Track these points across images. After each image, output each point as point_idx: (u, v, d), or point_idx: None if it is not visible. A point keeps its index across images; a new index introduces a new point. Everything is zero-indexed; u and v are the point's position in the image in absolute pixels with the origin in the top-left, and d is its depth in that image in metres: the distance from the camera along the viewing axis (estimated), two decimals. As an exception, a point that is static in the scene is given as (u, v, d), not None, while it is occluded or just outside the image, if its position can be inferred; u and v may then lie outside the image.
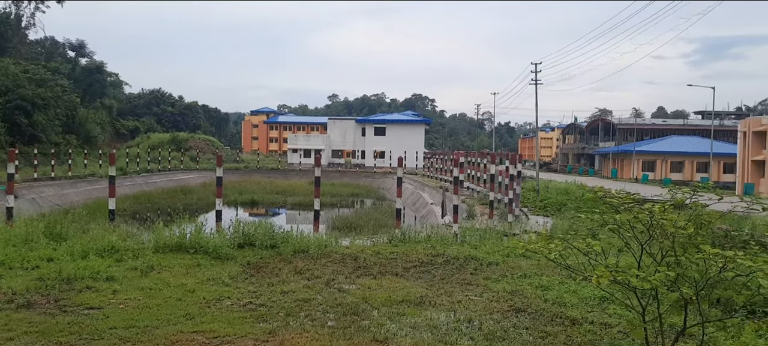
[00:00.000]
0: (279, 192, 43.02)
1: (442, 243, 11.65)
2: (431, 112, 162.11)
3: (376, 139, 71.26)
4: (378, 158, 69.19)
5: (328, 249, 10.61)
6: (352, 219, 27.21)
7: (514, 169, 21.05)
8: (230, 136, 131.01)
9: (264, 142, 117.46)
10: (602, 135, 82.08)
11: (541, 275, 8.84)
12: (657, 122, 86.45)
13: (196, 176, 49.69)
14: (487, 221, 18.33)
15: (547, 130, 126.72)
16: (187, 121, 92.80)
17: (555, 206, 22.99)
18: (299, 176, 52.80)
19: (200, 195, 38.86)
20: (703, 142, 62.96)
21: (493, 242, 12.16)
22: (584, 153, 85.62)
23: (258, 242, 10.51)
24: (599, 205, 5.43)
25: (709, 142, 52.79)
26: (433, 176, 44.47)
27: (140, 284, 7.80)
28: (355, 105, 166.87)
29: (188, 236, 10.39)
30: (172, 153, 56.25)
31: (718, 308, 5.99)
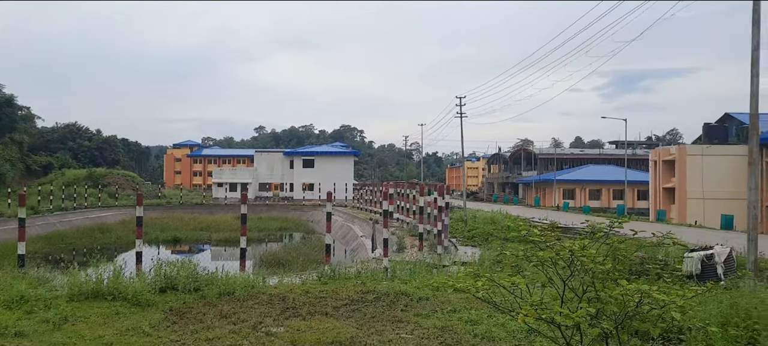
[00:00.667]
0: (203, 228, 41.72)
1: (373, 279, 11.59)
2: (360, 143, 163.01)
3: (305, 171, 70.71)
4: (307, 191, 68.59)
5: (256, 290, 10.32)
6: (281, 255, 26.67)
7: (442, 201, 21.37)
8: (152, 170, 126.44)
9: (188, 176, 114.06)
10: (525, 164, 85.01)
11: (471, 309, 8.93)
12: (575, 152, 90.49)
13: (114, 214, 47.42)
14: (417, 253, 18.46)
15: (473, 160, 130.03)
16: (106, 156, 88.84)
17: (482, 236, 23.42)
18: (225, 211, 51.45)
19: (119, 233, 37.10)
20: (618, 171, 66.35)
21: (424, 275, 12.21)
22: (509, 182, 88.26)
23: (181, 286, 10.09)
24: (524, 241, 5.57)
25: (624, 170, 55.66)
26: (363, 207, 44.47)
27: (53, 339, 7.28)
28: (283, 137, 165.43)
29: (106, 281, 9.83)
30: (88, 190, 53.49)
31: (636, 338, 6.21)
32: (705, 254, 12.46)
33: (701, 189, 41.13)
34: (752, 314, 7.06)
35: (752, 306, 7.35)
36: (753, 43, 10.53)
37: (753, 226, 10.47)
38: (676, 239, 5.71)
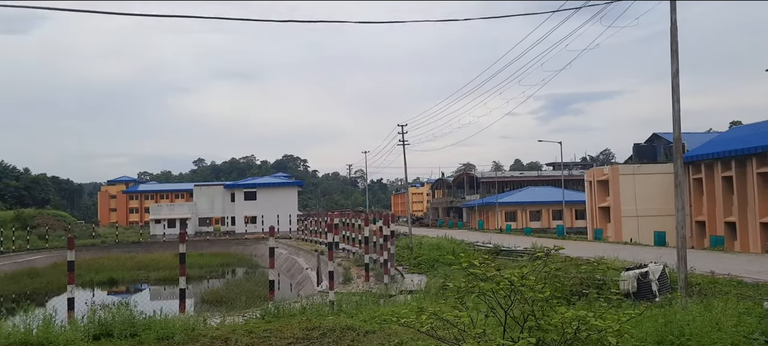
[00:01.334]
0: (141, 267, 40.20)
1: (318, 314, 11.42)
2: (304, 173, 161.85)
3: (247, 204, 69.49)
4: (249, 224, 67.33)
5: (196, 332, 9.98)
6: (223, 292, 26.02)
7: (387, 230, 21.41)
8: (85, 209, 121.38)
9: (124, 213, 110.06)
10: (468, 188, 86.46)
11: (418, 340, 8.91)
12: (515, 174, 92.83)
13: (45, 257, 45.07)
14: (363, 283, 18.37)
15: (417, 186, 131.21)
16: (34, 196, 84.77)
17: (428, 263, 23.56)
18: (163, 248, 49.76)
19: (50, 278, 35.23)
20: (556, 192, 68.41)
21: (370, 307, 12.14)
22: (453, 206, 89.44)
23: (116, 332, 9.64)
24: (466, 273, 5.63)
25: (561, 191, 57.40)
26: (308, 238, 43.99)
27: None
28: (224, 169, 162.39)
29: (35, 331, 9.31)
30: (16, 232, 50.73)
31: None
32: (640, 273, 12.93)
33: (634, 207, 42.84)
34: (685, 331, 7.34)
35: (685, 323, 7.65)
36: (672, 70, 11.13)
37: (681, 244, 10.96)
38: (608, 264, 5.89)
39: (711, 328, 7.30)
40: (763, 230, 35.62)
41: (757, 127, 42.62)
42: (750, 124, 47.44)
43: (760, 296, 10.15)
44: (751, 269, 17.68)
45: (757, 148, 35.57)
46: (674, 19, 11.17)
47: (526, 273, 5.41)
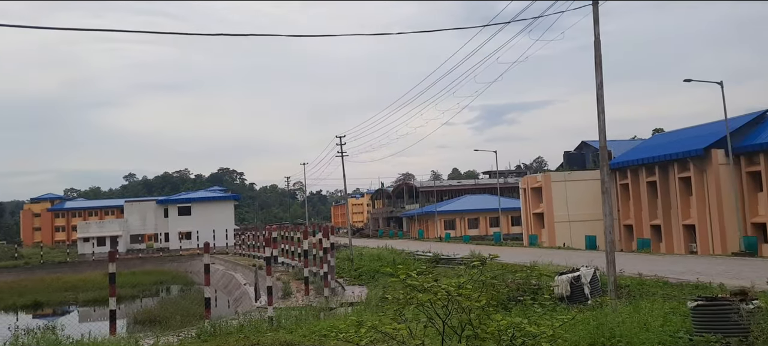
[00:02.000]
0: (69, 288, 38.30)
1: (257, 331, 11.18)
2: (241, 186, 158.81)
3: (181, 219, 67.51)
4: (184, 240, 65.36)
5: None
6: (157, 311, 25.15)
7: (327, 242, 21.23)
8: (7, 228, 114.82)
9: (49, 232, 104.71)
10: (407, 198, 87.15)
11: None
12: (453, 183, 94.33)
13: (-39, 281, 42.26)
14: (303, 298, 18.14)
15: (357, 197, 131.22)
16: (-50, 216, 79.37)
17: (369, 274, 23.51)
18: (93, 268, 47.61)
19: (-33, 304, 33.05)
20: (493, 199, 69.85)
21: (310, 322, 11.98)
22: (393, 216, 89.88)
23: (41, 359, 9.13)
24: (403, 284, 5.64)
25: (498, 199, 58.72)
26: (245, 253, 43.10)
27: None
28: (156, 184, 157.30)
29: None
30: (-71, 256, 47.41)
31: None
32: (573, 276, 13.34)
33: (566, 213, 44.30)
34: (616, 333, 7.61)
35: (616, 325, 7.93)
36: (597, 82, 11.62)
37: (610, 249, 11.41)
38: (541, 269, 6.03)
39: (639, 328, 7.60)
40: (686, 231, 37.57)
41: (678, 134, 45.03)
42: (671, 132, 50.06)
43: (684, 296, 10.66)
44: (676, 270, 18.56)
45: (678, 154, 37.53)
46: (597, 33, 11.67)
47: (463, 283, 5.47)
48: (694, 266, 20.03)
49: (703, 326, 7.96)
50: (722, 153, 33.99)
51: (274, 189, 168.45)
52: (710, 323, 7.94)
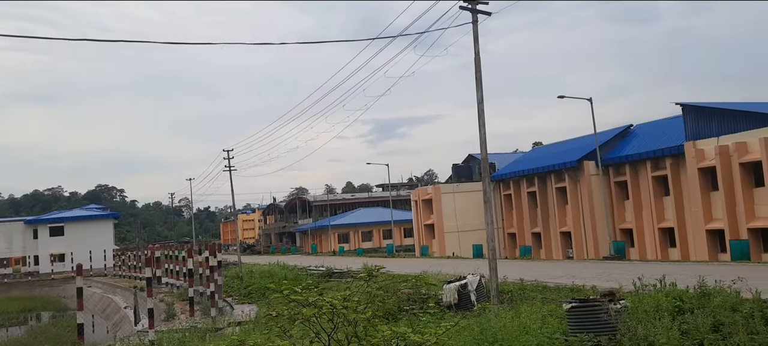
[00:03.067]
0: None
1: (134, 357, 10.48)
2: (121, 204, 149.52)
3: (53, 240, 62.41)
4: (56, 262, 60.39)
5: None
6: (26, 340, 23.02)
7: (214, 260, 20.45)
8: None
9: None
10: (301, 212, 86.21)
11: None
12: (347, 197, 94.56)
13: None
14: (188, 319, 17.32)
15: (248, 212, 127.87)
16: None
17: (260, 292, 22.92)
18: (-51, 297, 42.75)
19: None
20: (386, 212, 70.86)
21: (194, 344, 11.44)
22: (286, 231, 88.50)
23: None
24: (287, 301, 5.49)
25: (390, 211, 59.61)
26: (126, 275, 40.56)
27: None
28: (24, 203, 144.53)
29: None
30: None
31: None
32: (460, 284, 13.74)
33: (455, 223, 45.81)
34: (498, 337, 7.88)
35: (498, 329, 8.21)
36: (478, 97, 12.11)
37: (492, 256, 11.86)
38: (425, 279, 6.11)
39: (520, 331, 7.93)
40: (563, 238, 40.10)
41: (555, 147, 48.08)
42: (549, 145, 53.38)
43: (561, 299, 11.29)
44: (554, 274, 19.69)
45: (555, 166, 40.07)
46: (477, 50, 12.20)
47: (348, 295, 5.41)
48: (571, 270, 21.35)
49: (577, 327, 8.44)
50: (593, 164, 36.70)
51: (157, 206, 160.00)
52: (583, 323, 8.43)
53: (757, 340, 7.25)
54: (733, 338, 7.33)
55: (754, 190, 28.02)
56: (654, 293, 10.19)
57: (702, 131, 30.35)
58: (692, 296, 9.49)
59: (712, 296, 9.35)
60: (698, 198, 30.02)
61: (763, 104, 31.02)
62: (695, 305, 8.91)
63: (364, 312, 5.36)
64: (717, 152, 28.66)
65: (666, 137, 34.35)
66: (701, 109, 30.80)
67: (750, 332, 7.53)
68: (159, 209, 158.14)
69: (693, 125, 30.84)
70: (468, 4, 12.05)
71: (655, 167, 34.01)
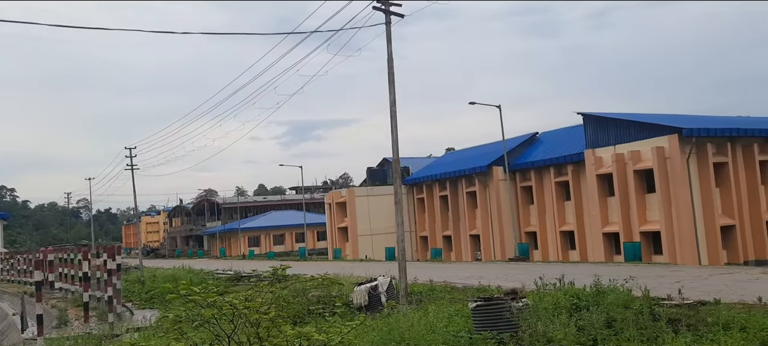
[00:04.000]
0: None
1: (18, 367, 9.66)
2: (12, 204, 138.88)
3: (-69, 243, 56.87)
4: (-65, 267, 55.10)
5: None
6: None
7: (112, 263, 19.32)
8: None
9: None
10: (209, 215, 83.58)
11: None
12: (259, 199, 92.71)
13: None
14: (83, 326, 16.28)
15: (152, 215, 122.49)
16: None
17: (162, 296, 21.92)
18: None
19: None
20: (299, 215, 70.08)
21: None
22: (193, 234, 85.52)
23: None
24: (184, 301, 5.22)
25: (303, 214, 59.02)
26: (15, 279, 37.59)
27: None
28: None
29: None
30: None
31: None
32: (370, 286, 13.75)
33: (369, 226, 46.01)
34: (405, 336, 7.91)
35: (405, 329, 8.24)
36: (390, 99, 12.19)
37: (402, 257, 11.95)
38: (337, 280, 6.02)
39: (426, 331, 8.00)
40: (473, 241, 41.26)
41: (466, 152, 49.43)
42: (461, 150, 54.79)
43: (468, 298, 11.52)
44: (463, 275, 20.16)
45: (466, 171, 41.17)
46: (390, 51, 12.28)
47: (251, 295, 5.22)
48: (478, 271, 21.95)
49: (482, 325, 8.64)
50: (502, 170, 38.04)
51: (53, 207, 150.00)
52: (487, 322, 8.65)
53: (645, 334, 7.70)
54: (624, 334, 7.75)
55: (646, 196, 30.02)
56: (554, 292, 10.61)
57: (601, 140, 32.19)
58: (588, 295, 9.96)
59: (606, 294, 9.85)
60: (596, 203, 31.78)
61: (655, 115, 33.35)
62: (591, 303, 9.35)
63: (267, 313, 5.18)
64: (613, 160, 30.48)
65: (568, 145, 36.18)
66: (600, 119, 32.65)
67: (639, 327, 8.00)
68: (55, 210, 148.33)
69: (592, 134, 32.64)
70: (381, 5, 12.10)
71: (558, 173, 35.72)
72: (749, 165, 29.68)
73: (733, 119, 34.21)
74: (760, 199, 29.58)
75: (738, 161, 29.38)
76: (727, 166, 28.97)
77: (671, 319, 8.57)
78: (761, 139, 30.24)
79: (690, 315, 8.81)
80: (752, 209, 29.38)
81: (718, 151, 28.99)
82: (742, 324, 7.80)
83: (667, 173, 28.52)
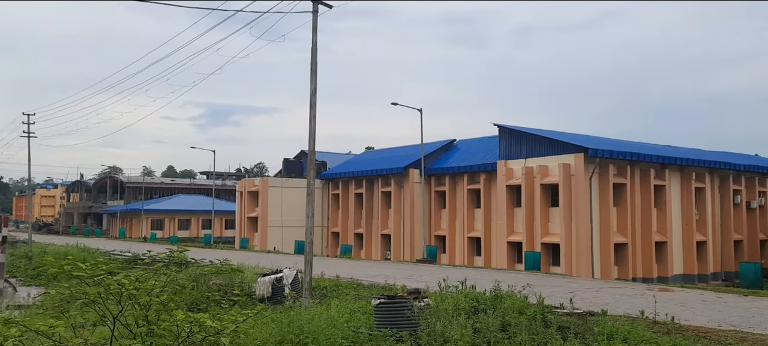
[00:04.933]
0: None
1: None
2: None
3: None
4: None
5: None
6: None
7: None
8: None
9: None
10: (111, 193, 79.52)
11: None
12: (166, 181, 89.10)
13: None
14: (-46, 300, 14.98)
15: (49, 188, 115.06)
16: None
17: (51, 274, 20.61)
18: None
19: None
20: (208, 201, 68.02)
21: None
22: (92, 212, 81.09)
23: None
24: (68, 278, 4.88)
25: (212, 200, 57.32)
26: None
27: None
28: None
29: None
30: None
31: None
32: (275, 278, 13.52)
33: (280, 218, 45.32)
34: (305, 329, 7.80)
35: (305, 322, 8.14)
36: (311, 88, 12.04)
37: (309, 249, 11.82)
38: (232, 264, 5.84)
39: (327, 325, 7.93)
40: (384, 240, 41.61)
41: (384, 152, 49.79)
42: (379, 150, 55.14)
43: (372, 296, 11.56)
44: (371, 273, 20.27)
45: (383, 171, 41.46)
46: (315, 41, 12.12)
47: (144, 277, 4.95)
48: (386, 270, 22.14)
49: (383, 322, 8.69)
50: (418, 173, 38.61)
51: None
52: (389, 319, 8.72)
53: (536, 340, 8.02)
54: (516, 338, 8.03)
55: (550, 209, 31.43)
56: (455, 295, 10.85)
57: (514, 152, 33.37)
58: (487, 299, 10.26)
59: (504, 299, 10.20)
60: (504, 212, 32.93)
61: (564, 133, 34.98)
62: (489, 307, 9.64)
63: (158, 296, 4.93)
64: (523, 172, 31.69)
65: (483, 154, 37.26)
66: (514, 132, 33.86)
67: (532, 332, 8.32)
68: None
69: (506, 146, 33.79)
70: (309, -6, 11.92)
71: (471, 181, 36.71)
72: (645, 188, 31.74)
73: (634, 144, 36.47)
74: (652, 220, 31.69)
75: (636, 184, 31.34)
76: (625, 187, 30.83)
77: (561, 326, 8.97)
78: (657, 165, 32.43)
79: (579, 324, 9.27)
80: (644, 230, 31.44)
81: (619, 173, 30.81)
82: (625, 335, 8.28)
83: (571, 189, 29.98)
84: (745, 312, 12.12)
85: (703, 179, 34.56)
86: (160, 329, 4.74)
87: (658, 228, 32.12)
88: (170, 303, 4.91)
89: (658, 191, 32.53)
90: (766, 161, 43.42)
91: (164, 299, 4.88)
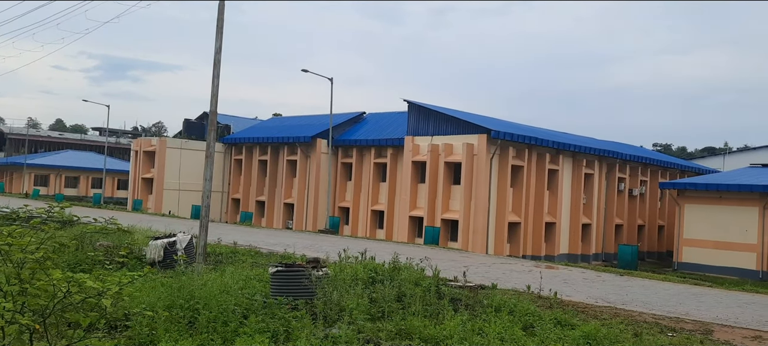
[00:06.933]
0: None
1: None
2: None
3: None
4: None
5: None
6: None
7: None
8: None
9: None
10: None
11: None
12: (53, 135, 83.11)
13: None
14: None
15: None
16: None
17: None
18: None
19: None
20: (99, 158, 64.17)
21: None
22: (-34, 163, 74.26)
23: None
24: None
25: (104, 158, 54.20)
26: None
27: None
28: None
29: None
30: None
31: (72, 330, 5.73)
32: (168, 242, 12.98)
33: (178, 181, 43.62)
34: (195, 295, 7.57)
35: (197, 287, 7.89)
36: (216, 46, 11.55)
37: (205, 213, 11.46)
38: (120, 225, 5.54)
39: (219, 291, 7.74)
40: (287, 209, 41.20)
41: (292, 120, 49.07)
42: (287, 117, 54.26)
43: (269, 263, 11.42)
44: (270, 242, 20.02)
45: (289, 139, 40.85)
46: None
47: (15, 232, 4.57)
48: (287, 239, 21.95)
49: (279, 290, 8.60)
50: (325, 143, 38.40)
51: None
52: (285, 287, 8.64)
53: (429, 310, 8.27)
54: (411, 308, 8.23)
55: (452, 187, 32.39)
56: (354, 265, 10.94)
57: (421, 129, 33.96)
58: (385, 270, 10.44)
59: (401, 271, 10.41)
60: (408, 187, 33.56)
61: (470, 114, 36.02)
62: (386, 278, 9.81)
63: (33, 253, 4.58)
64: (429, 149, 32.36)
65: (392, 129, 37.63)
66: (422, 108, 34.42)
67: (425, 303, 8.56)
68: None
69: (414, 122, 34.31)
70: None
71: (378, 155, 37.04)
72: (540, 171, 33.43)
73: (534, 129, 38.23)
74: (544, 203, 33.50)
75: (532, 166, 32.93)
76: (522, 169, 32.31)
77: (454, 298, 9.30)
78: (553, 150, 34.19)
79: (470, 296, 9.66)
80: (536, 211, 33.19)
81: (518, 155, 32.21)
82: (511, 308, 8.71)
83: (473, 169, 31.01)
84: (620, 290, 13.13)
85: (593, 165, 36.90)
86: (33, 289, 4.40)
87: (549, 210, 34.01)
88: (47, 262, 4.57)
89: (552, 175, 34.35)
90: (650, 152, 47.06)
91: (39, 257, 4.53)
